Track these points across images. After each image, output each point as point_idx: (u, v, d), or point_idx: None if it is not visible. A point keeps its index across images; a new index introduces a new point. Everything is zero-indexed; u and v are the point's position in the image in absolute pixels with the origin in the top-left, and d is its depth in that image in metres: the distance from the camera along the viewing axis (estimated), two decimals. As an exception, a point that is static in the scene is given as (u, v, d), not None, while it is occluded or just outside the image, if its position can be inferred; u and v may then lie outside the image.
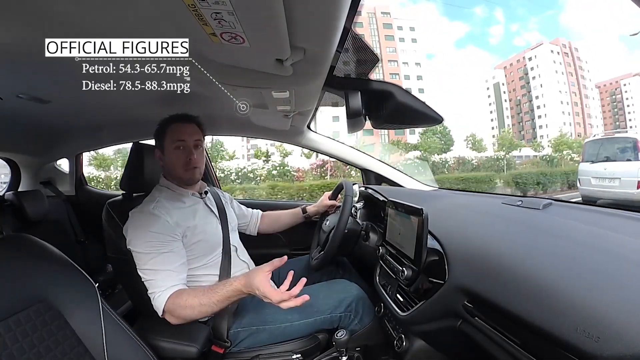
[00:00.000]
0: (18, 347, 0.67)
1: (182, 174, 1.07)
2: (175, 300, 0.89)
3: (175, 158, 1.06)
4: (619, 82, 32.00)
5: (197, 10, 0.49)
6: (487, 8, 35.05)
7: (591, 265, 0.55)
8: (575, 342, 0.43)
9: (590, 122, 29.38)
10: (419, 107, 0.91)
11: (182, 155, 1.05)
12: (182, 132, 1.06)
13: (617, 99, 31.23)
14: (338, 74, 0.89)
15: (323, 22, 0.56)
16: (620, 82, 32.01)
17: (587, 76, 30.85)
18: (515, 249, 0.67)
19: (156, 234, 0.94)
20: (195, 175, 1.09)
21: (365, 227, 1.17)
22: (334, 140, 1.76)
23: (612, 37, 36.92)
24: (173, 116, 1.09)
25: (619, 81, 32.12)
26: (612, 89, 32.03)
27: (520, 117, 29.62)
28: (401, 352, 0.89)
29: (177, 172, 1.07)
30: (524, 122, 29.31)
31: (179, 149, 1.05)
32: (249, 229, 1.41)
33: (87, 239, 1.95)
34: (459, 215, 1.03)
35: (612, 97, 31.33)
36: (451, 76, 31.77)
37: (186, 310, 0.88)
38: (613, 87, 32.23)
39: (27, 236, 0.85)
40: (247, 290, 0.86)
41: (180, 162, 1.05)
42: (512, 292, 0.56)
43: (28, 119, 1.39)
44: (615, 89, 31.92)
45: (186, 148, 1.06)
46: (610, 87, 32.36)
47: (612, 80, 32.79)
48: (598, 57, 34.66)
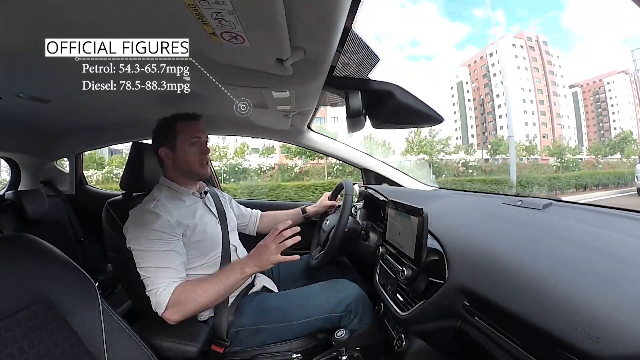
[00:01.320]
0: (18, 347, 0.67)
1: (199, 169, 1.10)
2: (183, 292, 0.89)
3: (191, 155, 1.08)
4: (602, 80, 29.58)
5: (197, 10, 0.49)
6: (488, 9, 34.89)
7: (591, 266, 0.55)
8: (575, 342, 0.43)
9: (560, 122, 27.14)
10: (419, 107, 0.91)
11: (198, 151, 1.09)
12: (196, 129, 1.09)
13: (601, 99, 29.00)
14: (338, 74, 0.89)
15: (323, 22, 0.56)
16: (604, 81, 29.61)
17: (558, 72, 28.57)
18: (515, 249, 0.67)
19: (156, 232, 0.94)
20: (208, 170, 1.14)
21: (365, 227, 1.17)
22: (334, 140, 1.76)
23: (615, 38, 35.72)
24: (181, 114, 1.10)
25: (603, 79, 29.64)
26: (595, 88, 29.64)
27: (484, 117, 27.42)
28: (401, 351, 0.89)
29: (193, 168, 1.09)
30: (487, 122, 27.17)
31: (195, 145, 1.08)
32: (248, 229, 1.41)
33: (87, 239, 1.95)
34: (459, 215, 1.03)
35: (595, 97, 29.17)
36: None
37: (195, 301, 0.89)
38: (597, 85, 29.75)
39: (27, 236, 0.85)
40: (249, 268, 0.93)
41: (197, 158, 1.09)
42: (512, 292, 0.56)
43: (28, 118, 1.39)
44: (598, 87, 29.45)
45: (201, 144, 1.10)
46: (594, 86, 29.87)
47: (595, 78, 30.23)
48: (598, 57, 32.91)
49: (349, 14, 0.58)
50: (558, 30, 37.31)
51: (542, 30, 36.86)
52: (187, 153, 1.08)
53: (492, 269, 0.64)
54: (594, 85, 30.17)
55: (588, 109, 29.32)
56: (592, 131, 28.61)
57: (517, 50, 27.32)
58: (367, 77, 0.90)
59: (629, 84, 28.39)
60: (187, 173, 1.10)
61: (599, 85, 29.50)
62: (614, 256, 0.56)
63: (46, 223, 1.75)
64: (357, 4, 0.60)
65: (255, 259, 0.94)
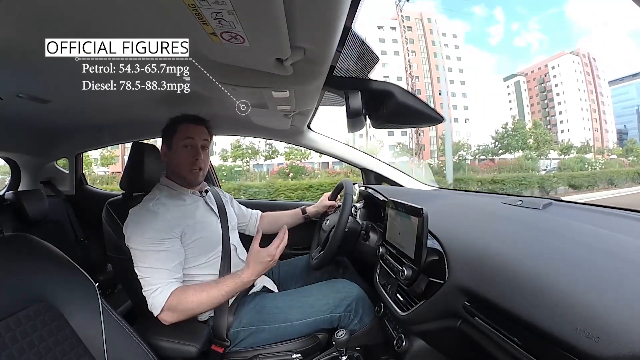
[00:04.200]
0: (18, 347, 0.67)
1: (187, 174, 1.07)
2: (182, 296, 0.90)
3: (182, 156, 1.06)
4: (547, 65, 26.49)
5: (197, 10, 0.48)
6: (487, 8, 34.50)
7: (591, 265, 0.55)
8: (575, 342, 0.43)
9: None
10: (419, 107, 0.91)
11: (189, 154, 1.06)
12: (192, 130, 1.07)
13: (547, 88, 26.22)
14: (338, 74, 0.89)
15: (323, 22, 0.56)
16: (548, 66, 26.39)
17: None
18: (515, 249, 0.67)
19: (155, 231, 0.94)
20: (198, 178, 1.09)
21: (365, 227, 1.17)
22: (333, 139, 1.76)
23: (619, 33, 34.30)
24: (185, 115, 1.09)
25: (547, 64, 26.49)
26: (540, 76, 26.81)
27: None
28: (401, 351, 0.89)
29: (182, 171, 1.07)
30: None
31: (187, 147, 1.06)
32: (248, 229, 1.41)
33: (87, 239, 1.95)
34: (459, 215, 1.03)
35: (541, 86, 26.51)
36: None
37: (193, 304, 0.90)
38: (542, 72, 26.87)
39: (27, 236, 0.85)
40: (255, 277, 0.96)
41: (187, 161, 1.06)
42: (512, 292, 0.56)
43: (28, 118, 1.39)
44: (544, 74, 26.64)
45: (194, 147, 1.07)
46: (540, 73, 26.98)
47: (540, 64, 27.12)
48: (607, 54, 30.60)
49: (349, 14, 0.58)
50: (561, 28, 36.27)
51: (541, 29, 36.08)
52: (180, 154, 1.06)
53: (492, 269, 0.64)
54: (539, 72, 27.47)
55: (534, 100, 27.10)
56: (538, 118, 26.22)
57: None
58: (367, 77, 0.90)
59: (578, 66, 25.88)
60: (177, 175, 1.08)
61: (544, 72, 26.96)
62: (614, 256, 0.56)
63: (46, 223, 1.75)
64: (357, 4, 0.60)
65: (259, 269, 0.96)
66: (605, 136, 25.26)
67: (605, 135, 25.25)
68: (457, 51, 26.98)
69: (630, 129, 27.71)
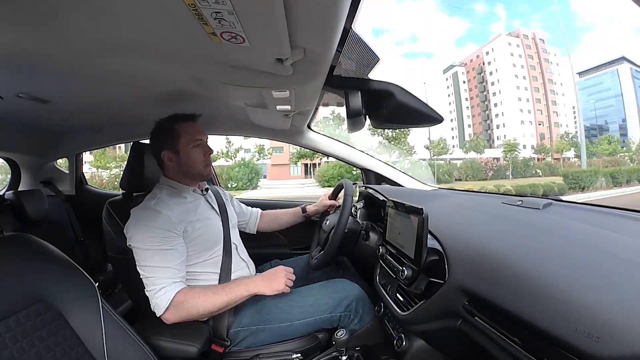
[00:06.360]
0: (18, 347, 0.67)
1: (203, 169, 1.11)
2: (186, 297, 0.90)
3: (196, 156, 1.09)
4: (483, 51, 24.40)
5: (197, 10, 0.48)
6: (488, 5, 34.18)
7: (591, 265, 0.54)
8: (575, 342, 0.43)
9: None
10: (420, 107, 0.91)
11: (201, 152, 1.09)
12: (197, 130, 1.10)
13: (485, 78, 24.90)
14: (338, 74, 0.89)
15: (323, 22, 0.56)
16: (482, 51, 24.63)
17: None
18: (515, 249, 0.67)
19: (157, 229, 0.94)
20: (211, 170, 1.15)
21: (365, 227, 1.17)
22: (333, 139, 1.76)
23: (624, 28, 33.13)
24: (179, 115, 1.09)
25: (482, 50, 24.67)
26: (479, 64, 25.25)
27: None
28: (401, 351, 0.89)
29: (198, 169, 1.09)
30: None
31: (199, 147, 1.09)
32: (248, 227, 1.41)
33: (87, 239, 1.96)
34: (459, 215, 1.03)
35: (479, 76, 25.05)
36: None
37: (195, 308, 0.91)
38: (480, 60, 25.32)
39: (27, 236, 0.85)
40: (262, 290, 0.99)
41: (201, 159, 1.10)
42: (512, 292, 0.56)
43: (28, 118, 1.39)
44: (482, 63, 25.25)
45: (204, 145, 1.11)
46: (478, 62, 25.37)
47: (478, 51, 25.41)
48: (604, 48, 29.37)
49: (349, 14, 0.58)
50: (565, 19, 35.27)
51: (544, 26, 35.32)
52: (191, 155, 1.08)
53: (492, 268, 0.64)
54: (478, 60, 25.68)
55: (473, 92, 25.31)
56: (476, 112, 24.17)
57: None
58: (367, 76, 0.90)
59: (517, 48, 23.58)
60: (191, 174, 1.10)
61: (482, 59, 25.24)
62: (614, 256, 0.56)
63: (46, 223, 1.75)
64: (357, 4, 0.60)
65: (266, 282, 0.99)
66: (555, 131, 23.03)
67: (554, 130, 23.05)
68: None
69: (610, 122, 24.92)
